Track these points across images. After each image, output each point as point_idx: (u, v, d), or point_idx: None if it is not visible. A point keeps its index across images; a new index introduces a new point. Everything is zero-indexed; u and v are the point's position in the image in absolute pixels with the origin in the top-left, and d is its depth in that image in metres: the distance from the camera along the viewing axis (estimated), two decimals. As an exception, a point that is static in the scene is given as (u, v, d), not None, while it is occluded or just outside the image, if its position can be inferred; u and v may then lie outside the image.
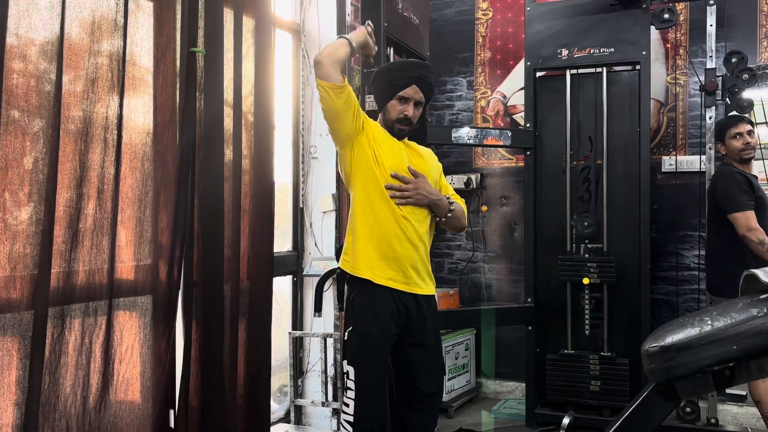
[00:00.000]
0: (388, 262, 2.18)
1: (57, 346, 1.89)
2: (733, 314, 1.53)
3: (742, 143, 3.18)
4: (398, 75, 2.24)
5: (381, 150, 2.21)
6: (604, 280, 3.50)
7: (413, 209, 2.21)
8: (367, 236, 2.19)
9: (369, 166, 2.20)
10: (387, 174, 2.19)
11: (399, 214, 2.18)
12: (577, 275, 3.53)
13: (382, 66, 2.31)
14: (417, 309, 2.23)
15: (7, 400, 1.77)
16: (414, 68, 2.27)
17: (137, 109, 2.18)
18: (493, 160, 4.45)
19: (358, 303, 2.22)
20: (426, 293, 2.27)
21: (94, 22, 2.02)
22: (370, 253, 2.18)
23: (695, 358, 1.52)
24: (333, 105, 2.12)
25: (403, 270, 2.19)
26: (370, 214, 2.20)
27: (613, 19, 3.54)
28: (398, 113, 2.23)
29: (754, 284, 1.62)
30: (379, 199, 2.19)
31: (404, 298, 2.21)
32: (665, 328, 1.62)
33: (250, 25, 2.61)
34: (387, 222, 2.18)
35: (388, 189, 2.18)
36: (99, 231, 2.02)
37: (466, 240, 4.51)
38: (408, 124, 2.25)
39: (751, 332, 1.49)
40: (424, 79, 2.24)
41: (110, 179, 2.06)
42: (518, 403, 3.99)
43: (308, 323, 3.54)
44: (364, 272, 2.19)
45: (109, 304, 2.04)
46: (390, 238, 2.18)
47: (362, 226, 2.21)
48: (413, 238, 2.20)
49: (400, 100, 2.22)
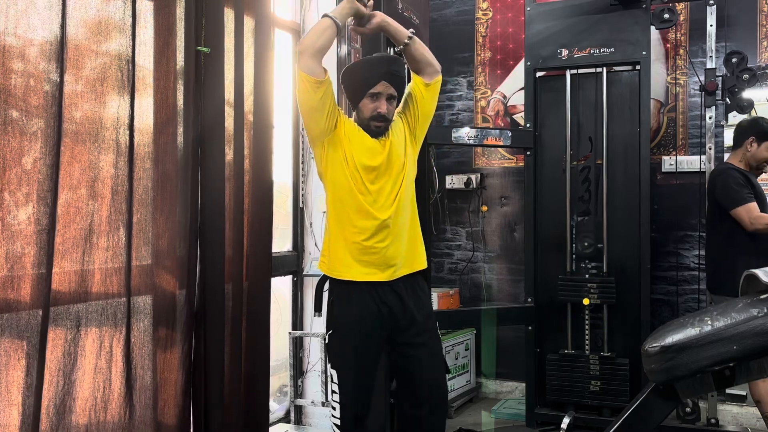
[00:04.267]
0: (363, 257, 2.17)
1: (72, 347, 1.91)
2: (733, 314, 1.53)
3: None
4: (367, 73, 2.20)
5: (353, 149, 2.18)
6: (605, 301, 3.49)
7: (381, 200, 2.18)
8: (340, 234, 2.19)
9: (339, 163, 2.18)
10: (356, 172, 2.17)
11: (367, 208, 2.16)
12: (577, 296, 3.53)
13: (350, 65, 2.28)
14: (401, 306, 2.21)
15: (4, 401, 1.77)
16: (382, 63, 2.23)
17: (142, 109, 2.17)
18: (493, 160, 4.45)
19: (337, 306, 2.22)
20: (409, 271, 2.24)
21: (100, 22, 2.01)
22: (344, 250, 2.18)
23: (695, 358, 1.52)
24: (309, 99, 2.10)
25: (381, 262, 2.18)
26: (341, 211, 2.19)
27: (613, 19, 3.54)
28: (371, 111, 2.19)
29: (754, 284, 1.62)
30: (347, 196, 2.17)
31: (385, 296, 2.19)
32: (665, 328, 1.62)
33: (250, 24, 2.61)
34: (357, 216, 2.17)
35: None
36: (99, 231, 2.02)
37: (466, 240, 4.51)
38: (383, 120, 2.21)
39: (751, 332, 1.50)
40: (393, 74, 2.21)
41: (124, 179, 2.07)
42: (518, 403, 3.99)
43: (308, 323, 3.54)
44: (341, 272, 2.18)
45: (128, 305, 2.05)
46: (362, 232, 2.16)
47: (335, 225, 2.20)
48: (389, 227, 2.18)
49: (372, 98, 2.19)
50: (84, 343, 1.97)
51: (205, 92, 2.39)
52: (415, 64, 2.27)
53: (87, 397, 1.99)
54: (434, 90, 2.31)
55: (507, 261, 4.41)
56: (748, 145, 3.19)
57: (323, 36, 2.10)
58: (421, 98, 2.29)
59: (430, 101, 2.32)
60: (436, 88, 2.32)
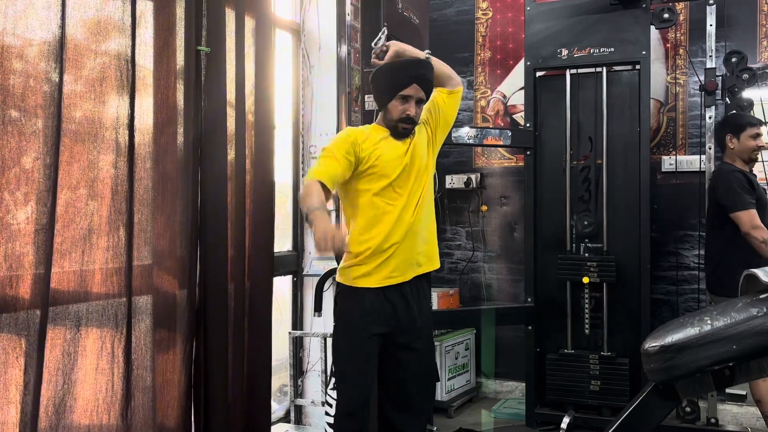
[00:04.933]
0: (390, 261, 2.20)
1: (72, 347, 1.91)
2: (733, 314, 1.53)
3: (757, 144, 3.17)
4: (399, 74, 2.23)
5: (377, 156, 2.20)
6: (604, 279, 3.50)
7: (406, 202, 2.21)
8: (366, 243, 2.20)
9: (366, 174, 2.21)
10: (385, 182, 2.20)
11: (397, 214, 2.19)
12: (577, 274, 3.53)
13: (382, 65, 2.30)
14: (406, 307, 2.23)
15: (2, 399, 1.77)
16: (415, 67, 2.26)
17: (143, 109, 2.18)
18: (493, 159, 4.45)
19: (341, 300, 2.25)
20: (429, 269, 2.30)
21: (99, 22, 2.01)
22: (372, 260, 2.20)
23: (695, 357, 1.52)
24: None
25: (405, 263, 2.22)
26: (371, 223, 2.21)
27: (613, 18, 3.54)
28: (400, 113, 2.21)
29: (754, 284, 1.62)
30: (378, 210, 2.20)
31: (391, 295, 2.21)
32: (665, 328, 1.62)
33: (251, 24, 2.61)
34: (382, 222, 2.20)
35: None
36: (99, 231, 2.02)
37: (466, 240, 4.51)
38: (411, 123, 2.24)
39: (751, 332, 1.50)
40: (424, 78, 2.24)
41: (123, 179, 2.07)
42: (518, 402, 3.99)
43: (308, 323, 3.54)
44: (364, 283, 2.20)
45: (129, 304, 2.05)
46: (390, 237, 2.19)
47: (363, 235, 2.22)
48: (411, 230, 2.21)
49: (402, 100, 2.21)
50: (84, 343, 1.97)
51: (206, 92, 2.40)
52: (436, 80, 2.33)
53: (88, 397, 1.99)
54: (456, 98, 2.40)
55: (507, 261, 4.41)
56: (729, 144, 3.24)
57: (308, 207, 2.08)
58: (443, 104, 2.37)
59: (452, 107, 2.40)
60: (458, 97, 2.41)
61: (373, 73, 2.33)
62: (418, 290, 2.28)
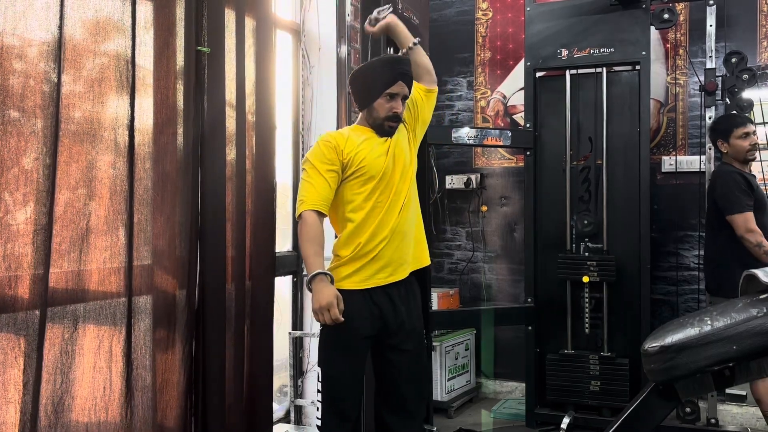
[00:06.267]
0: (375, 263, 2.19)
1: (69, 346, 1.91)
2: (733, 314, 1.53)
3: (749, 143, 3.17)
4: (383, 72, 2.20)
5: (360, 159, 2.19)
6: (604, 279, 3.50)
7: (390, 201, 2.21)
8: (352, 247, 2.20)
9: (353, 178, 2.21)
10: (371, 184, 2.20)
11: (380, 213, 2.19)
12: (577, 274, 3.53)
13: (363, 66, 2.29)
14: (392, 309, 2.22)
15: (1, 398, 1.77)
16: (399, 64, 2.24)
17: (142, 109, 2.17)
18: (493, 160, 4.45)
19: None
20: (417, 267, 2.29)
21: (98, 22, 2.01)
22: (357, 261, 2.19)
23: (695, 358, 1.52)
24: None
25: (392, 264, 2.21)
26: (358, 226, 2.20)
27: (613, 19, 3.54)
28: (387, 111, 2.20)
29: (754, 284, 1.62)
30: (365, 212, 2.19)
31: (377, 298, 2.20)
32: (665, 328, 1.63)
33: (251, 25, 2.61)
34: (372, 225, 2.19)
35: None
36: (99, 231, 2.02)
37: (466, 240, 4.51)
38: (398, 120, 2.23)
39: (751, 332, 1.50)
40: (407, 74, 2.23)
41: (123, 179, 2.07)
42: (518, 403, 3.99)
43: (308, 323, 3.54)
44: (350, 285, 2.19)
45: (129, 305, 2.05)
46: (374, 238, 2.19)
47: (351, 239, 2.21)
48: (397, 229, 2.20)
49: (389, 98, 2.19)
50: (82, 342, 1.97)
51: (206, 92, 2.39)
52: (416, 68, 2.33)
53: (86, 396, 1.99)
54: (432, 99, 2.41)
55: (507, 261, 4.41)
56: (722, 148, 3.25)
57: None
58: (421, 102, 2.36)
59: (428, 108, 2.40)
60: (434, 98, 2.42)
61: (353, 74, 2.31)
62: (406, 291, 2.26)
